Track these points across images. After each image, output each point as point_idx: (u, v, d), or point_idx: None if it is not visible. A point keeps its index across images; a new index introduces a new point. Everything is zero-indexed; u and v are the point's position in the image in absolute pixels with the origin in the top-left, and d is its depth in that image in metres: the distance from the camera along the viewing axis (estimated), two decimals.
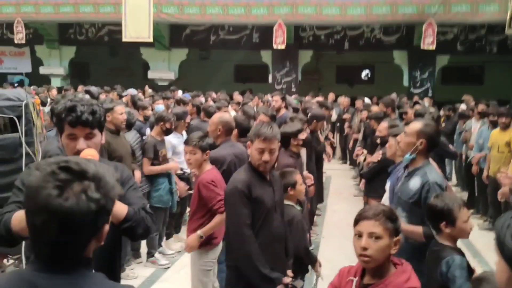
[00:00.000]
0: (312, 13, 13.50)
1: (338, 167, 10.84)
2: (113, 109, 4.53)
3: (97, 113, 2.02)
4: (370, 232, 1.94)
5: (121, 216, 1.93)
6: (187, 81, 16.73)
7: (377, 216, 1.95)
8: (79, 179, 1.10)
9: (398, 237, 1.99)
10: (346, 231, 6.44)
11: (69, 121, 1.97)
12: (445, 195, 2.57)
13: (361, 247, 1.94)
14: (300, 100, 9.13)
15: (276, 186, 2.85)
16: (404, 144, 3.04)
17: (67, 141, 2.02)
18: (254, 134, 2.73)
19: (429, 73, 14.46)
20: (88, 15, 14.67)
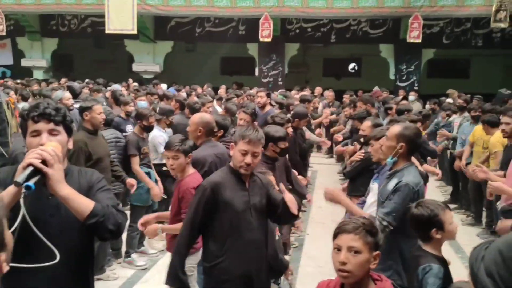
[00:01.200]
0: (298, 5, 13.42)
1: (324, 161, 10.82)
2: (91, 108, 4.40)
3: (61, 110, 1.98)
4: (349, 246, 1.89)
5: (86, 211, 1.84)
6: (172, 74, 16.54)
7: (357, 230, 1.89)
8: None
9: (377, 251, 1.94)
10: (331, 228, 6.44)
11: (32, 116, 1.92)
12: (425, 202, 2.53)
13: (340, 261, 1.89)
14: (285, 95, 9.05)
15: (254, 190, 2.78)
16: (385, 147, 3.06)
17: (31, 139, 1.94)
18: (239, 135, 2.69)
19: (415, 66, 14.49)
20: (70, 6, 14.41)
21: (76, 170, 2.11)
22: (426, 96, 12.89)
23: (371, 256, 1.90)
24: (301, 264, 5.23)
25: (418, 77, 14.58)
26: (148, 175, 5.14)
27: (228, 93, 10.82)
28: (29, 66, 16.35)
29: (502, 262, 0.98)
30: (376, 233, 1.95)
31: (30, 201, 1.75)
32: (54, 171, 1.78)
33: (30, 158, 1.77)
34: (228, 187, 2.68)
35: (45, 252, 1.77)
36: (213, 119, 4.10)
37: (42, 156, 1.77)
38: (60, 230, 1.91)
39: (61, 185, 1.82)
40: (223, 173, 2.78)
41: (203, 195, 2.66)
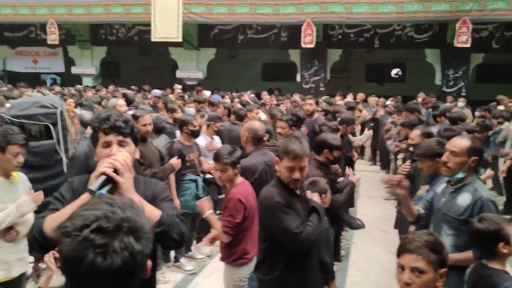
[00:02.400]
0: (341, 11, 13.33)
1: (368, 169, 10.66)
2: (137, 119, 4.43)
3: (129, 122, 2.06)
4: (412, 267, 1.83)
5: (154, 219, 1.89)
6: (215, 80, 16.80)
7: (420, 250, 1.83)
8: (116, 237, 1.06)
9: (444, 269, 1.87)
10: (378, 237, 6.41)
11: (103, 129, 2.00)
12: (487, 216, 2.44)
13: (404, 282, 1.84)
14: (329, 102, 9.00)
15: (305, 200, 2.79)
16: (454, 164, 2.87)
17: (101, 149, 2.02)
18: (282, 151, 2.62)
19: (462, 71, 14.06)
20: (118, 16, 14.91)
21: (142, 180, 2.18)
22: (475, 102, 12.50)
23: (437, 274, 1.84)
24: (348, 273, 5.17)
25: (466, 83, 14.13)
26: (195, 182, 5.22)
27: (272, 98, 10.88)
28: (78, 73, 17.03)
29: None
30: (441, 250, 1.87)
31: None
32: (125, 180, 1.86)
33: (102, 167, 1.84)
34: (292, 200, 2.65)
35: None
36: (263, 127, 4.13)
37: (114, 166, 1.85)
38: None
39: (131, 193, 1.88)
40: (276, 188, 2.70)
41: (280, 206, 2.62)
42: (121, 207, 1.12)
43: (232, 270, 3.42)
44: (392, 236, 6.15)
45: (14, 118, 4.03)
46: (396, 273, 1.92)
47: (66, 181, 2.16)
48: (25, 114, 4.07)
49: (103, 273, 1.04)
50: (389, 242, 6.09)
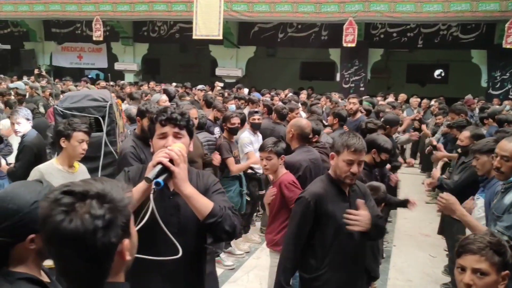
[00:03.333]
0: (385, 10, 13.09)
1: (408, 171, 10.41)
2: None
3: (186, 115, 2.11)
4: (474, 268, 1.78)
5: (206, 210, 1.93)
6: (253, 79, 16.85)
7: (483, 251, 1.77)
8: (81, 199, 1.09)
9: (507, 271, 1.81)
10: (419, 239, 6.28)
11: (160, 120, 2.06)
12: None
13: (465, 283, 1.79)
14: (372, 102, 8.85)
15: (355, 200, 2.69)
16: (507, 169, 2.81)
17: (157, 140, 2.07)
18: (342, 145, 2.60)
19: (510, 73, 13.52)
20: (161, 13, 15.18)
21: (195, 172, 2.22)
22: None
23: (499, 276, 1.78)
24: (389, 276, 5.08)
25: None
26: (238, 179, 5.27)
27: (312, 98, 10.81)
28: (121, 69, 17.45)
29: None
30: (505, 252, 1.81)
31: (154, 201, 1.87)
32: (180, 170, 1.90)
33: (159, 157, 1.89)
34: (329, 199, 2.62)
35: (166, 247, 1.90)
36: (309, 125, 4.11)
37: (170, 156, 1.89)
38: (178, 228, 2.01)
39: (186, 183, 1.93)
40: (323, 183, 2.70)
41: (306, 208, 2.61)
42: (105, 182, 1.16)
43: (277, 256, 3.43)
44: (434, 240, 6.00)
45: (66, 110, 4.17)
46: (456, 273, 1.86)
47: (123, 170, 2.22)
48: (77, 106, 4.20)
49: (63, 234, 1.06)
50: (431, 246, 5.95)
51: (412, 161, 6.82)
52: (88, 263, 1.10)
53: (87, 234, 1.07)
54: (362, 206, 2.57)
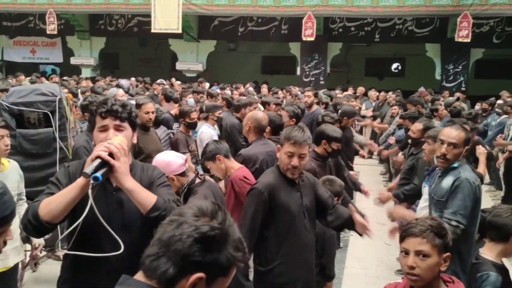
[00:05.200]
0: (342, 4, 13.29)
1: (366, 162, 10.64)
2: (140, 107, 4.47)
3: (127, 106, 2.04)
4: (417, 250, 1.84)
5: (149, 204, 1.90)
6: (214, 73, 16.75)
7: (424, 233, 1.83)
8: None
9: (448, 253, 1.88)
10: (375, 228, 6.36)
11: (100, 112, 1.99)
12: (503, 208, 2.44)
13: (408, 265, 1.84)
14: (330, 95, 8.97)
15: (305, 190, 2.72)
16: (453, 156, 2.91)
17: (98, 133, 2.02)
18: (284, 137, 2.63)
19: (462, 66, 14.04)
20: (118, 6, 14.82)
21: (139, 166, 2.17)
22: (474, 97, 12.49)
23: (441, 258, 1.85)
24: (346, 265, 5.19)
25: (466, 78, 14.12)
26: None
27: (271, 92, 10.86)
28: (77, 64, 16.93)
29: None
30: (445, 235, 1.88)
31: (95, 196, 1.81)
32: (120, 164, 1.85)
33: (98, 151, 1.84)
34: (282, 189, 2.63)
35: (109, 244, 1.86)
36: (266, 118, 4.12)
37: (109, 149, 1.84)
38: (122, 224, 1.98)
39: (127, 177, 1.89)
40: (274, 174, 2.70)
41: (260, 198, 2.60)
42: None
43: None
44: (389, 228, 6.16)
45: (12, 105, 4.01)
46: (400, 257, 1.92)
47: (63, 166, 2.15)
48: (24, 101, 4.05)
49: None
50: (387, 234, 6.09)
51: (365, 153, 6.97)
52: None
53: None
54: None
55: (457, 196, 2.79)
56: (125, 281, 1.15)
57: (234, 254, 1.13)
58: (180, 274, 1.08)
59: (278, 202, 2.60)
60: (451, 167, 2.92)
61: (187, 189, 2.91)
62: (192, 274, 1.07)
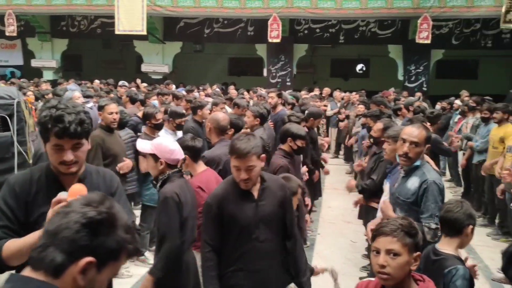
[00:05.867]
0: (307, 6, 13.44)
1: (332, 162, 10.80)
2: (103, 108, 4.53)
3: (85, 122, 1.90)
4: (387, 249, 1.85)
5: None
6: (181, 75, 16.64)
7: (395, 232, 1.85)
8: None
9: (418, 252, 1.90)
10: (341, 227, 6.52)
11: (55, 132, 1.84)
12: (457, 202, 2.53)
13: (379, 264, 1.86)
14: (295, 96, 9.06)
15: (265, 199, 2.58)
16: (415, 154, 2.97)
17: (53, 151, 1.89)
18: (229, 150, 2.53)
19: (423, 67, 14.45)
20: (80, 7, 14.52)
21: (94, 171, 2.10)
22: (435, 97, 12.88)
23: (411, 257, 1.87)
24: (312, 263, 5.23)
25: (427, 78, 14.54)
26: None
27: (239, 92, 10.90)
28: (39, 66, 16.47)
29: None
30: (416, 234, 1.90)
31: None
32: None
33: None
34: (232, 200, 2.54)
35: None
36: (226, 118, 4.13)
37: None
38: None
39: None
40: (227, 184, 2.64)
41: (209, 212, 2.58)
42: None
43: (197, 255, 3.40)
44: (355, 226, 6.27)
45: None
46: (372, 256, 1.93)
47: (7, 184, 1.98)
48: None
49: None
50: (353, 232, 6.22)
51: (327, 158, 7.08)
52: None
53: None
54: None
55: (429, 199, 2.86)
56: (11, 278, 1.13)
57: (124, 236, 1.15)
58: (68, 260, 1.08)
59: (227, 214, 2.54)
60: (414, 167, 2.99)
61: (167, 177, 2.93)
62: (81, 259, 1.09)
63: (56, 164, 1.92)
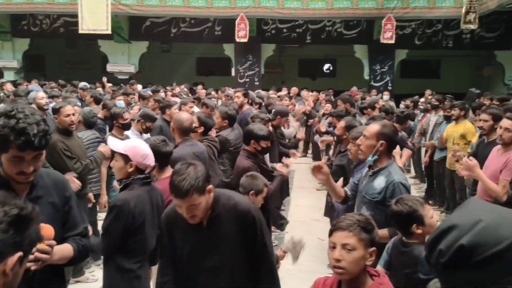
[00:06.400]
0: (274, 6, 13.51)
1: (301, 161, 10.89)
2: (59, 111, 4.30)
3: (48, 133, 1.85)
4: (343, 243, 1.88)
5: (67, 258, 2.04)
6: (148, 75, 16.41)
7: (351, 227, 1.89)
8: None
9: (373, 248, 1.92)
10: (309, 224, 6.56)
11: (18, 144, 1.77)
12: (403, 198, 2.57)
13: (334, 258, 1.88)
14: (260, 96, 9.08)
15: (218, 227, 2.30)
16: (365, 147, 3.05)
17: (11, 163, 1.82)
18: (169, 187, 2.23)
19: (388, 66, 14.76)
20: (42, 6, 14.12)
21: (44, 174, 2.04)
22: (399, 96, 13.17)
23: (367, 252, 1.89)
24: (280, 262, 5.26)
25: (392, 77, 14.86)
26: None
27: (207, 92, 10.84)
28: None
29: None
30: (372, 230, 1.93)
31: None
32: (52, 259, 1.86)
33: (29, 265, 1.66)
34: (180, 228, 2.32)
35: None
36: (188, 118, 4.10)
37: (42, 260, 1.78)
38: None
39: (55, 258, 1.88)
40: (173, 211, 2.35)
41: (161, 228, 2.46)
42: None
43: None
44: (323, 224, 6.32)
45: None
46: (328, 251, 1.94)
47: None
48: None
49: None
50: (320, 230, 6.26)
51: (296, 153, 7.13)
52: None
53: None
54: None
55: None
56: None
57: (38, 227, 1.24)
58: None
59: (172, 240, 2.37)
60: (382, 167, 3.02)
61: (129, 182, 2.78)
62: (10, 256, 1.14)
63: (13, 174, 1.86)
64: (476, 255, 0.93)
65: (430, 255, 1.00)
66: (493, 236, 0.94)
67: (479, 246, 0.93)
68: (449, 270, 0.97)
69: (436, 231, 1.01)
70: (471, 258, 0.94)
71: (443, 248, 0.97)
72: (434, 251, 0.99)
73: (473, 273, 0.94)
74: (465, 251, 0.94)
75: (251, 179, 3.16)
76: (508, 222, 0.96)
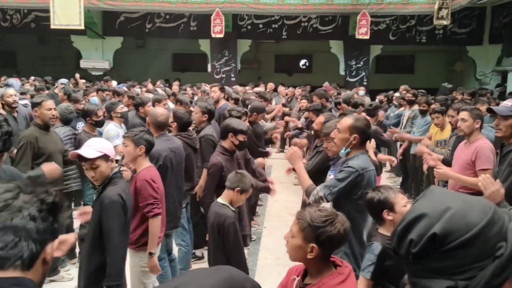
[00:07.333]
0: (249, 1, 13.49)
1: (277, 156, 10.92)
2: (40, 104, 4.37)
3: (11, 134, 1.88)
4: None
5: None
6: (123, 71, 16.18)
7: (300, 217, 1.99)
8: None
9: (314, 245, 1.93)
10: (287, 219, 6.58)
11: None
12: (379, 187, 2.65)
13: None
14: (236, 92, 9.07)
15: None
16: (338, 140, 3.08)
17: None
18: None
19: (363, 62, 14.92)
20: (12, 0, 13.72)
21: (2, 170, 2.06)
22: (375, 91, 13.34)
23: (306, 246, 1.93)
24: (259, 257, 5.29)
25: (367, 73, 15.02)
26: None
27: (181, 88, 10.75)
28: None
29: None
30: (317, 227, 1.94)
31: None
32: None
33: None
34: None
35: None
36: (164, 113, 4.07)
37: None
38: None
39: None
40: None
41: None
42: None
43: (139, 256, 3.32)
44: None
45: None
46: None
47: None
48: None
49: None
50: None
51: (272, 150, 7.17)
52: None
53: None
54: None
55: (338, 175, 2.96)
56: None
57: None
58: (41, 249, 1.11)
59: None
60: (349, 158, 3.03)
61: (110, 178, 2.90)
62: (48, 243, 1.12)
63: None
64: (447, 243, 0.93)
65: (400, 246, 0.99)
66: (463, 222, 0.93)
67: (451, 234, 0.92)
68: (419, 260, 0.95)
69: (404, 221, 0.99)
70: (442, 246, 0.93)
71: (414, 237, 0.95)
72: (404, 242, 0.97)
73: (443, 262, 0.93)
74: (438, 240, 0.93)
75: (240, 177, 3.15)
76: (476, 208, 0.96)
